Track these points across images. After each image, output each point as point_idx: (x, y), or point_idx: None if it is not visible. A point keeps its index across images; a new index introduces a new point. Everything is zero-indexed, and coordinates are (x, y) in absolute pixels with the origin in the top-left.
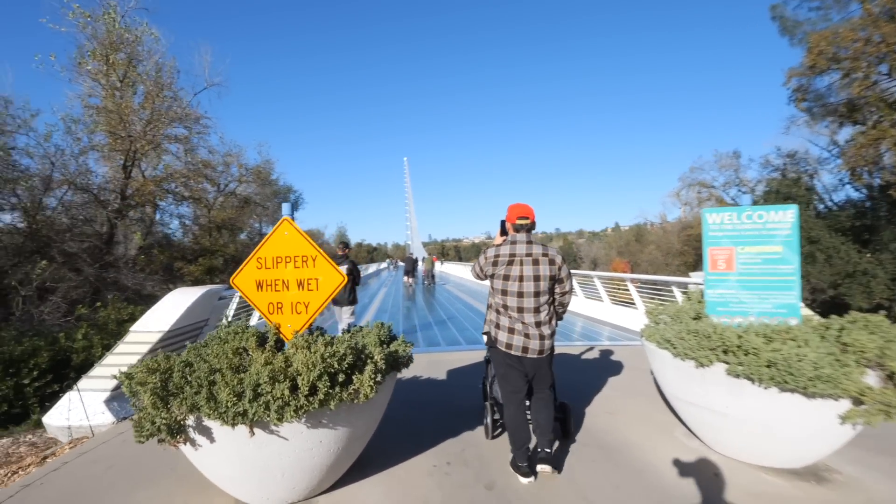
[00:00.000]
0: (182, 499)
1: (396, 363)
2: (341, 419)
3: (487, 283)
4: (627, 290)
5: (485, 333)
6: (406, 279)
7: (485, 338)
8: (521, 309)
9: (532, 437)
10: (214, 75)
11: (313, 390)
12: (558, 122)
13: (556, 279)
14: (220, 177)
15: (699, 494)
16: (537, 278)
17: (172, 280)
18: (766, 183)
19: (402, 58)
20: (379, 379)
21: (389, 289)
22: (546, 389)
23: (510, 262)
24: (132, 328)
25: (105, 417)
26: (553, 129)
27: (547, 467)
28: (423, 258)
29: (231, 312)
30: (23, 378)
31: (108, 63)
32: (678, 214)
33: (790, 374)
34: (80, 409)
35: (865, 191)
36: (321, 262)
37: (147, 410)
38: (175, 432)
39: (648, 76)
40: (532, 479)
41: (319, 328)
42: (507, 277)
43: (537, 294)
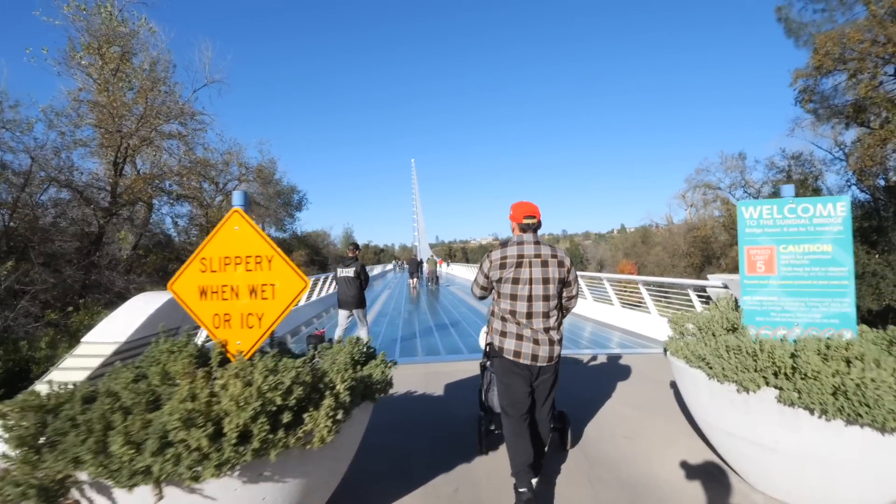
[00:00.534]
0: None
1: (370, 391)
2: (292, 469)
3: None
4: (636, 292)
5: (487, 345)
6: (410, 281)
7: (484, 345)
8: (530, 314)
9: (532, 455)
10: (215, 72)
11: (246, 436)
12: (564, 123)
13: (564, 282)
14: (218, 175)
15: None
16: (546, 281)
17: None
18: (771, 184)
19: (409, 59)
20: (340, 416)
21: (393, 291)
22: (547, 405)
23: (518, 265)
24: (84, 338)
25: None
26: (558, 131)
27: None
28: (428, 259)
29: None
30: None
31: (102, 57)
32: (684, 216)
33: (864, 405)
34: None
35: (872, 192)
36: (279, 264)
37: (18, 465)
38: (54, 497)
39: (653, 77)
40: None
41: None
42: (515, 281)
43: (547, 298)
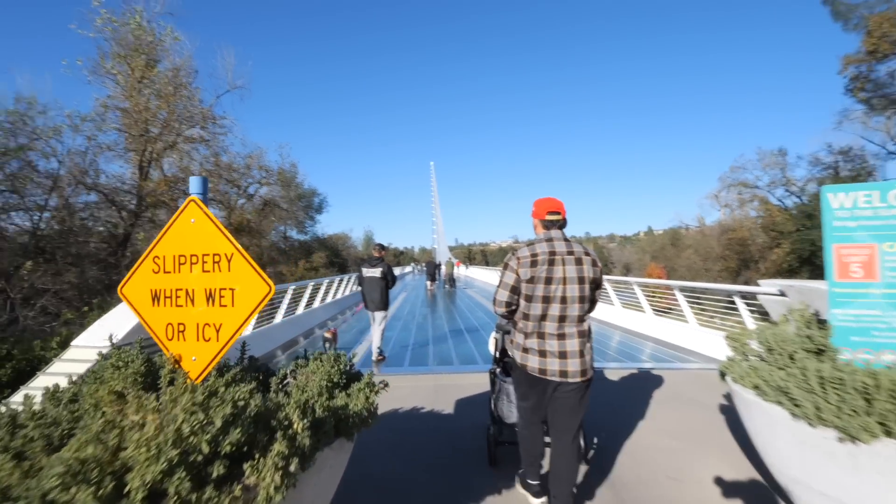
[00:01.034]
0: None
1: (345, 425)
2: None
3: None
4: (666, 297)
5: (504, 360)
6: (428, 283)
7: (494, 351)
8: (563, 318)
9: (546, 453)
10: (237, 78)
11: (158, 497)
12: (587, 123)
13: (598, 283)
14: (241, 179)
15: None
16: (582, 280)
17: None
18: (817, 181)
19: (431, 60)
20: (294, 467)
21: (409, 294)
22: (574, 432)
23: (551, 262)
24: (73, 342)
25: None
26: (581, 131)
27: None
28: (445, 262)
29: None
30: None
31: (129, 65)
32: (717, 217)
33: None
34: None
35: None
36: (239, 265)
37: None
38: None
39: (678, 77)
40: (544, 499)
41: (331, 349)
42: (548, 280)
43: (583, 299)
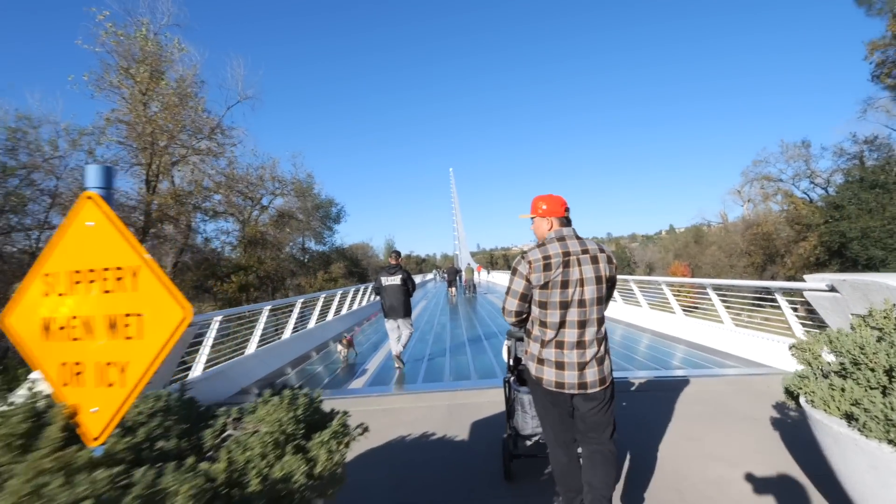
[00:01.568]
0: None
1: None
2: None
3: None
4: (689, 295)
5: (518, 370)
6: (449, 290)
7: (507, 358)
8: (583, 323)
9: (581, 486)
10: (247, 88)
11: None
12: (606, 123)
13: (614, 282)
14: (254, 190)
15: None
16: (600, 280)
17: (203, 299)
18: (844, 172)
19: (448, 65)
20: None
21: (429, 302)
22: (605, 431)
23: (566, 264)
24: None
25: None
26: (601, 130)
27: None
28: (465, 268)
29: (210, 341)
30: None
31: (133, 77)
32: (740, 213)
33: None
34: None
35: None
36: (148, 281)
37: None
38: None
39: (696, 77)
40: None
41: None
42: (565, 284)
43: (601, 301)
